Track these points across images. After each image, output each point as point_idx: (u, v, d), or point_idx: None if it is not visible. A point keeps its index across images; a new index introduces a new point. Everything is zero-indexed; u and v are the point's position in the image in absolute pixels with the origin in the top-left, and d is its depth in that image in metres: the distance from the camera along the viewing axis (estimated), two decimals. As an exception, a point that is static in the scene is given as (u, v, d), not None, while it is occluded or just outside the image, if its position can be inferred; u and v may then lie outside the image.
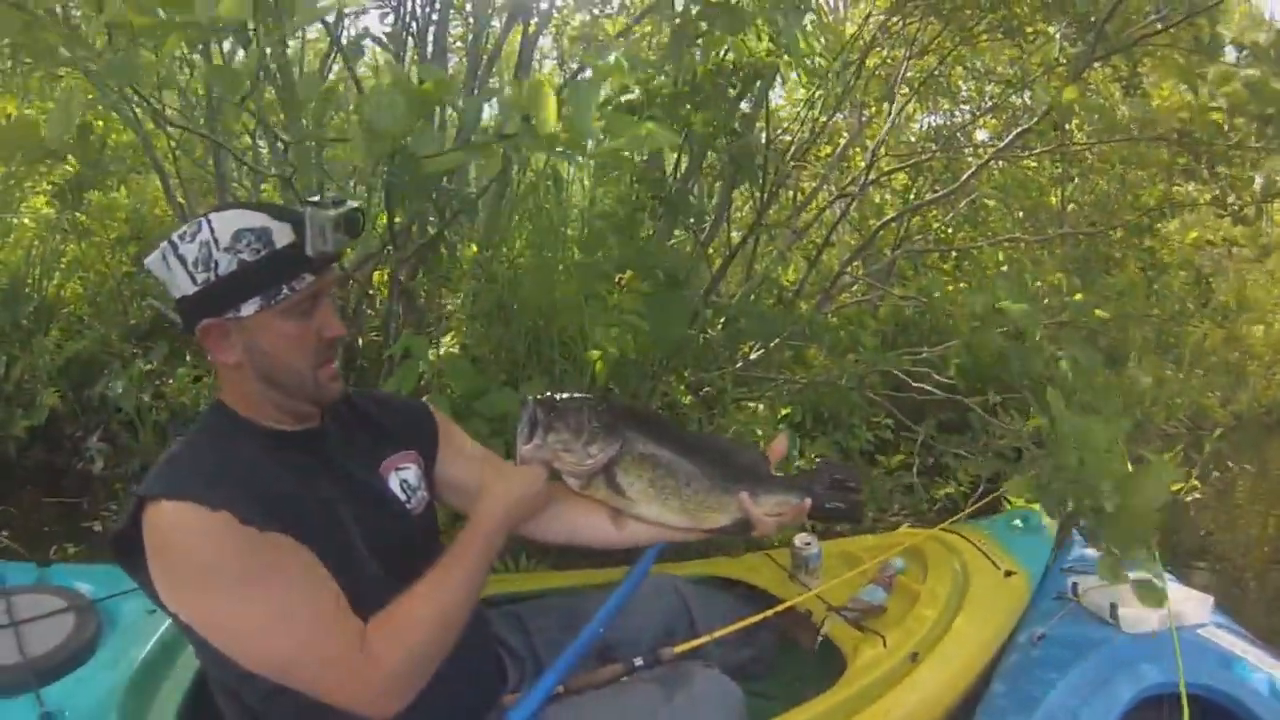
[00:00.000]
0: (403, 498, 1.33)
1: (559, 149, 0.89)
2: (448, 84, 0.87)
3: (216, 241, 1.11)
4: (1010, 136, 2.92)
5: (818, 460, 3.06)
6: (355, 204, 1.19)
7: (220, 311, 1.14)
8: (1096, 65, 3.01)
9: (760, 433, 2.91)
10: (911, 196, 4.14)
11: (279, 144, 2.07)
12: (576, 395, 1.41)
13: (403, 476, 1.35)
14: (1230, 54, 2.47)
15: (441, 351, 2.21)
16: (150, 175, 4.02)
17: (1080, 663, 1.76)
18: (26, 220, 4.62)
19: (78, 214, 4.58)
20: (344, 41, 2.38)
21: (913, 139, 4.86)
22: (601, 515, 1.44)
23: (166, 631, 1.59)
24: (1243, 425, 6.30)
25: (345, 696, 1.07)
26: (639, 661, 1.42)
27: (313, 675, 1.07)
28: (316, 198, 1.21)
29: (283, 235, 1.13)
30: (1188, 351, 3.48)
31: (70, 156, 4.62)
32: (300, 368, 1.18)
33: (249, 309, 1.13)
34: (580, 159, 0.94)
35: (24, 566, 1.78)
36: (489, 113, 1.93)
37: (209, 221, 1.13)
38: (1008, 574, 2.10)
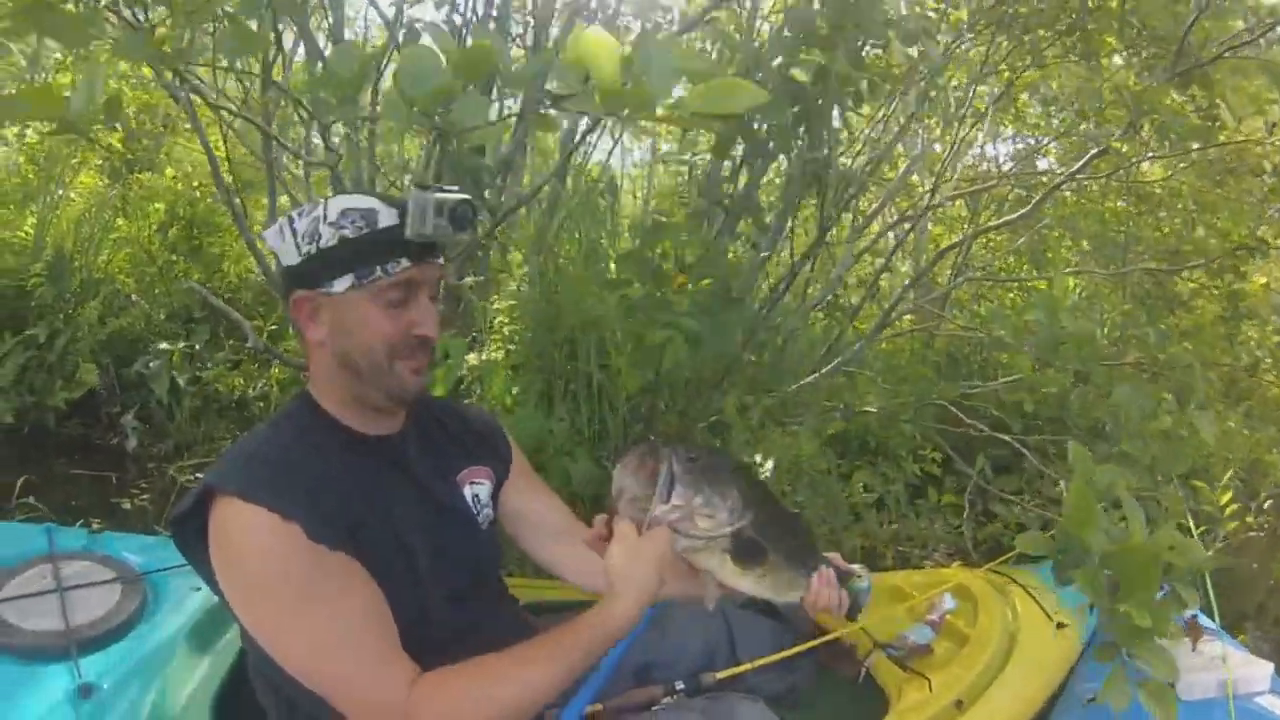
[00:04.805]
0: (473, 511, 1.32)
1: (625, 111, 0.76)
2: (489, 51, 0.76)
3: (325, 216, 1.13)
4: (1085, 159, 2.78)
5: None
6: (466, 196, 1.15)
7: (314, 284, 1.15)
8: (1174, 95, 2.87)
9: (801, 456, 2.80)
10: (973, 226, 3.99)
11: (328, 132, 2.02)
12: (710, 450, 1.27)
13: (475, 490, 1.34)
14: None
15: (484, 356, 2.14)
16: (199, 155, 4.03)
17: (1132, 729, 1.69)
18: (74, 195, 4.67)
19: (126, 190, 4.62)
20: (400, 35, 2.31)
21: (980, 166, 4.70)
22: None
23: (210, 610, 1.58)
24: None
25: None
26: (679, 685, 1.39)
27: (347, 707, 1.06)
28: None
29: (387, 218, 1.13)
30: (1256, 406, 3.26)
31: (113, 133, 4.68)
32: (378, 356, 1.16)
33: (340, 285, 1.13)
34: (655, 127, 0.81)
35: (75, 531, 1.77)
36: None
37: (327, 201, 1.16)
38: (1060, 626, 2.03)
